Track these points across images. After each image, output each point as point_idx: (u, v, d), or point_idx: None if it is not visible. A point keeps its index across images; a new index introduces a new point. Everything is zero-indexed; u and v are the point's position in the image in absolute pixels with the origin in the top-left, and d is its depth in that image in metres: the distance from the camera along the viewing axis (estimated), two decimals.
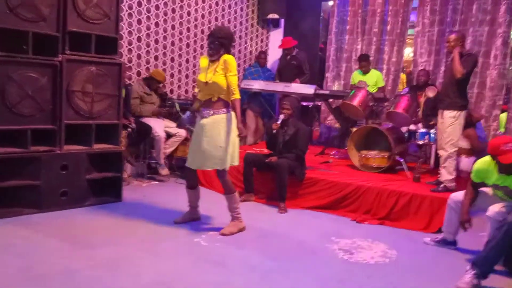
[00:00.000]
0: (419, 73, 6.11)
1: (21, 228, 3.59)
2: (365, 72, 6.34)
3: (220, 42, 3.61)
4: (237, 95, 3.61)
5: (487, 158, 3.33)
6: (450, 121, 4.35)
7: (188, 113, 3.88)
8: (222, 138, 3.59)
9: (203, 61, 3.77)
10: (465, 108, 4.42)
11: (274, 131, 4.75)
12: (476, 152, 5.32)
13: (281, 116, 4.74)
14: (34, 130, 3.94)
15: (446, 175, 4.42)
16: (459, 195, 3.58)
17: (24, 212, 3.91)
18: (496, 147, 3.13)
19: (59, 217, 3.91)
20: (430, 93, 4.99)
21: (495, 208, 3.27)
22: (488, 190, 3.48)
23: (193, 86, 6.55)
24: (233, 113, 3.65)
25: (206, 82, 3.60)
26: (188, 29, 6.43)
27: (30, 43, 3.80)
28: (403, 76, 7.80)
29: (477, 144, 5.31)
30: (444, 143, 4.40)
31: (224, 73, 3.59)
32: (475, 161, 5.01)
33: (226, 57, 3.62)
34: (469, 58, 4.30)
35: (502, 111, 5.97)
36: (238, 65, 7.08)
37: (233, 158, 3.69)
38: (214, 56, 3.64)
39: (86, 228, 3.71)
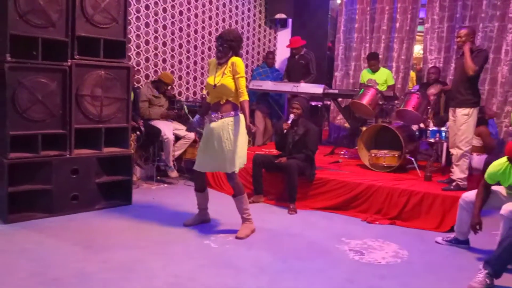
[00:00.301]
0: (430, 71, 6.05)
1: (34, 233, 3.62)
2: (374, 70, 6.30)
3: (229, 45, 3.62)
4: (245, 97, 3.61)
5: (502, 160, 3.27)
6: (463, 119, 4.29)
7: (197, 116, 3.89)
8: (231, 141, 3.59)
9: (212, 64, 3.78)
10: (478, 104, 4.35)
11: (285, 132, 4.72)
12: (488, 149, 5.26)
13: (291, 116, 4.71)
14: (45, 134, 3.98)
15: (458, 173, 4.36)
16: (470, 195, 3.53)
17: (36, 216, 3.95)
18: None
19: (71, 221, 3.95)
20: (434, 89, 4.96)
21: (509, 207, 3.22)
22: (501, 189, 3.43)
23: (201, 88, 6.57)
24: (241, 115, 3.65)
25: (215, 85, 3.61)
26: (196, 31, 6.45)
27: (39, 48, 3.84)
28: (412, 74, 7.73)
29: (489, 141, 5.24)
30: (459, 141, 4.33)
31: (232, 76, 3.59)
32: (486, 159, 4.99)
33: (234, 59, 3.62)
34: (480, 54, 4.24)
35: None
36: (246, 66, 7.08)
37: (243, 159, 3.69)
38: (222, 59, 3.64)
39: (97, 231, 3.74)
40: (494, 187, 3.42)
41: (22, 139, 3.92)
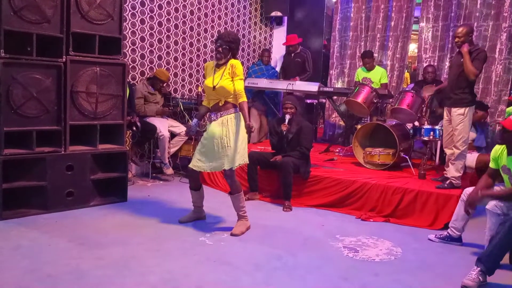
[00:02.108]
0: (427, 69, 6.07)
1: (28, 229, 3.61)
2: (369, 68, 6.32)
3: (228, 47, 3.62)
4: (244, 98, 3.61)
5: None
6: (458, 118, 4.30)
7: (195, 120, 3.88)
8: (230, 138, 3.60)
9: (209, 67, 3.78)
10: (473, 103, 4.37)
11: (285, 133, 4.72)
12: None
13: (287, 116, 4.72)
14: (39, 131, 3.97)
15: (453, 171, 4.38)
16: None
17: (31, 212, 3.95)
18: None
19: (66, 218, 3.94)
20: (426, 92, 4.99)
21: (493, 201, 3.28)
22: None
23: (197, 85, 6.56)
24: (240, 113, 3.65)
25: (214, 87, 3.61)
26: (192, 28, 6.44)
27: (34, 44, 3.82)
28: (406, 75, 7.76)
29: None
30: (456, 141, 4.35)
31: (231, 77, 3.60)
32: (479, 157, 5.04)
33: (234, 61, 3.64)
34: (479, 55, 4.20)
35: (509, 104, 5.93)
36: (242, 64, 7.07)
37: (242, 156, 3.68)
38: (222, 60, 3.65)
39: (92, 228, 3.73)
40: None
41: (16, 135, 3.91)
